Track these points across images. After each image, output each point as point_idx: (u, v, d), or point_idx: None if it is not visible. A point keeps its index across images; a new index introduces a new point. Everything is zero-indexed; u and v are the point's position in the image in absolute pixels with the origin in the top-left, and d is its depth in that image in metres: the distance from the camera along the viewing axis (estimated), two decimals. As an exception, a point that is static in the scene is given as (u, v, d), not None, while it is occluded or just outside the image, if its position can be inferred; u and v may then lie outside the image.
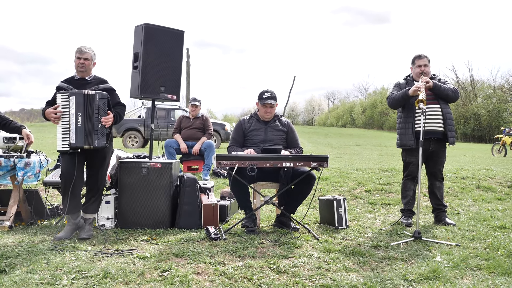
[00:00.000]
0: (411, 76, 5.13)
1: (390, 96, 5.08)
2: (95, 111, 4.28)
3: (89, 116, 4.26)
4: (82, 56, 4.45)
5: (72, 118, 4.25)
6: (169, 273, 3.21)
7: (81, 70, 4.47)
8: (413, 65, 5.09)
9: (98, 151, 4.41)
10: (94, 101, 4.27)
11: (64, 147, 4.28)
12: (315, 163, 4.50)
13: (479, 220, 5.14)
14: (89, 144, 4.27)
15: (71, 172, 4.28)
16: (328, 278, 3.20)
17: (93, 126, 4.27)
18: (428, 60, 5.03)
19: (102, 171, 4.53)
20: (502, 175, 7.93)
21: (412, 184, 5.06)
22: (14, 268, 3.31)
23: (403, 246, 4.05)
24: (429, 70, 5.04)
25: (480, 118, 36.29)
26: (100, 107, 4.30)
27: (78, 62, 4.45)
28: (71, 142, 4.24)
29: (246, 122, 5.04)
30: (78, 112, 4.24)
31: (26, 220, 4.94)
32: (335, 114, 62.74)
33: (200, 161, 7.89)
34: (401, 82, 5.16)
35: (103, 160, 4.51)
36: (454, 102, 5.17)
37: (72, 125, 4.24)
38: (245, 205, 4.73)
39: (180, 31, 5.16)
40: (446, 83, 5.06)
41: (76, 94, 4.26)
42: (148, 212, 4.72)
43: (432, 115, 4.89)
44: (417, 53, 5.09)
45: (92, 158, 4.45)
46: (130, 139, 16.41)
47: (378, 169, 8.53)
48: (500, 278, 3.20)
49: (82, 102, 4.24)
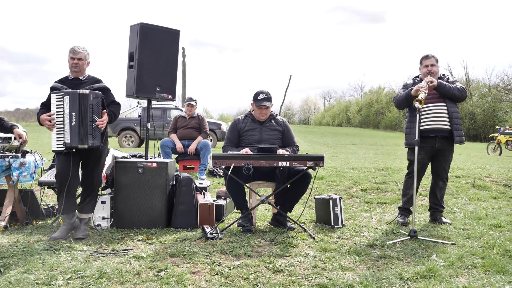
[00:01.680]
0: (420, 77, 5.15)
1: (396, 97, 5.14)
2: (89, 110, 4.27)
3: (83, 116, 4.25)
4: (75, 56, 4.44)
5: (66, 118, 4.23)
6: (165, 273, 3.21)
7: (75, 70, 4.46)
8: (421, 65, 5.11)
9: (93, 151, 4.40)
10: (88, 100, 4.27)
11: (59, 147, 4.27)
12: (311, 162, 4.50)
13: (475, 218, 5.16)
14: (83, 144, 4.26)
15: (66, 172, 4.27)
16: (324, 277, 3.21)
17: (88, 126, 4.27)
18: (435, 59, 5.05)
19: (97, 170, 4.53)
20: (497, 174, 7.96)
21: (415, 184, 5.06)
22: (9, 268, 3.30)
23: (399, 245, 4.06)
24: (437, 70, 5.05)
25: (476, 117, 36.44)
26: (94, 106, 4.30)
27: (72, 62, 4.44)
28: (66, 142, 4.23)
29: (241, 122, 5.03)
30: (72, 112, 4.23)
31: (21, 220, 4.92)
32: (331, 113, 62.78)
33: (196, 160, 7.88)
34: (408, 82, 5.19)
35: (98, 160, 4.51)
36: (462, 102, 5.19)
37: (66, 125, 4.23)
38: (241, 204, 4.73)
39: (176, 30, 5.16)
40: (455, 82, 5.07)
41: (70, 93, 4.25)
42: (144, 211, 4.71)
43: (437, 113, 4.90)
44: (425, 53, 5.11)
45: (87, 158, 4.45)
46: (126, 139, 16.37)
47: (374, 168, 8.55)
48: (495, 277, 3.21)
49: (76, 101, 4.23)
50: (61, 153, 4.30)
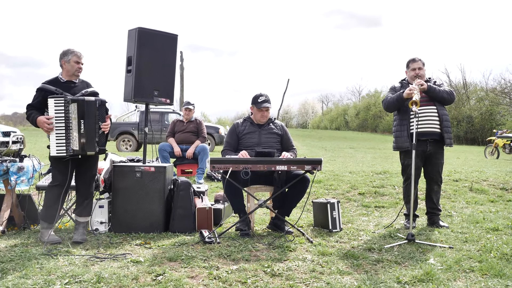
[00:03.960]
0: (406, 80, 5.16)
1: (385, 99, 5.12)
2: (96, 118, 4.31)
3: (90, 123, 4.29)
4: (80, 60, 4.45)
5: (74, 125, 4.23)
6: (163, 277, 3.21)
7: (79, 74, 4.48)
8: (408, 68, 5.12)
9: (91, 156, 4.41)
10: (94, 108, 4.30)
11: (59, 152, 4.25)
12: (309, 166, 4.51)
13: (472, 222, 5.17)
14: (91, 151, 4.31)
15: (65, 181, 4.29)
16: (322, 281, 3.21)
17: (95, 133, 4.31)
18: (422, 63, 5.06)
19: (95, 174, 4.56)
20: (494, 177, 7.98)
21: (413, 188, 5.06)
22: (7, 273, 3.29)
23: (396, 248, 4.07)
24: (424, 73, 5.07)
25: (473, 121, 36.51)
26: (100, 113, 4.34)
27: (77, 67, 4.43)
28: (74, 149, 4.22)
29: (240, 126, 5.05)
30: (80, 119, 4.24)
31: (19, 224, 4.91)
32: (329, 117, 62.91)
33: (194, 164, 7.88)
34: (396, 85, 5.19)
35: (95, 164, 4.55)
36: (450, 104, 5.20)
37: (74, 132, 4.23)
38: (239, 208, 4.73)
39: (174, 34, 5.17)
40: (442, 85, 5.09)
41: (79, 101, 4.25)
42: (142, 216, 4.71)
43: (428, 117, 4.92)
44: (411, 57, 5.13)
45: (84, 163, 4.44)
46: (124, 143, 16.37)
47: (371, 171, 8.56)
48: (493, 280, 3.22)
49: (84, 109, 4.25)
50: (61, 159, 4.29)
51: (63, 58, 4.45)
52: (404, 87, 5.01)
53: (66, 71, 4.47)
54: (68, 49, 4.46)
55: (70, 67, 4.44)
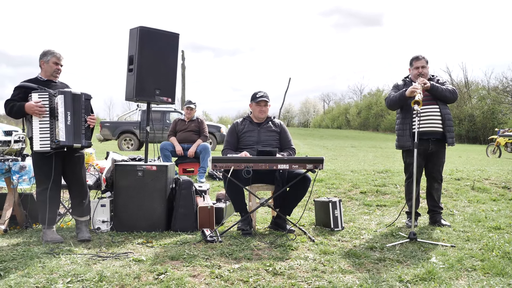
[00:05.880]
0: (409, 78, 5.14)
1: (388, 97, 5.10)
2: (82, 110, 4.33)
3: (77, 115, 4.30)
4: (60, 62, 4.47)
5: (61, 117, 4.20)
6: (165, 276, 3.21)
7: (57, 75, 4.50)
8: (411, 66, 5.10)
9: (76, 154, 4.42)
10: (81, 100, 4.33)
11: (43, 147, 4.20)
12: (310, 165, 4.51)
13: (474, 221, 5.16)
14: (78, 143, 4.30)
15: (50, 176, 4.24)
16: (324, 280, 3.21)
17: (81, 125, 4.32)
18: (426, 61, 5.04)
19: (84, 172, 4.58)
20: (496, 176, 7.97)
21: (415, 186, 5.06)
22: (9, 272, 3.30)
23: (398, 247, 4.06)
24: (427, 71, 5.05)
25: (475, 119, 36.50)
26: (86, 107, 4.37)
27: (55, 68, 4.44)
28: (61, 140, 4.18)
29: (239, 125, 5.07)
30: (67, 111, 4.24)
31: (21, 223, 4.92)
32: (330, 116, 62.90)
33: (196, 163, 7.88)
34: (399, 83, 5.18)
35: (82, 163, 4.55)
36: (453, 103, 5.19)
37: (61, 123, 4.20)
38: (240, 207, 4.74)
39: (175, 33, 5.16)
40: (445, 83, 5.07)
41: (65, 93, 4.25)
42: (144, 215, 4.71)
43: (430, 116, 4.91)
44: (415, 54, 5.10)
45: (70, 161, 4.42)
46: (126, 142, 16.36)
47: (373, 170, 8.55)
48: (495, 279, 3.22)
49: (71, 101, 4.26)
50: (44, 156, 4.24)
51: (42, 58, 4.44)
52: (407, 85, 5.00)
53: (44, 72, 4.46)
54: (49, 49, 4.46)
55: (49, 67, 4.43)
